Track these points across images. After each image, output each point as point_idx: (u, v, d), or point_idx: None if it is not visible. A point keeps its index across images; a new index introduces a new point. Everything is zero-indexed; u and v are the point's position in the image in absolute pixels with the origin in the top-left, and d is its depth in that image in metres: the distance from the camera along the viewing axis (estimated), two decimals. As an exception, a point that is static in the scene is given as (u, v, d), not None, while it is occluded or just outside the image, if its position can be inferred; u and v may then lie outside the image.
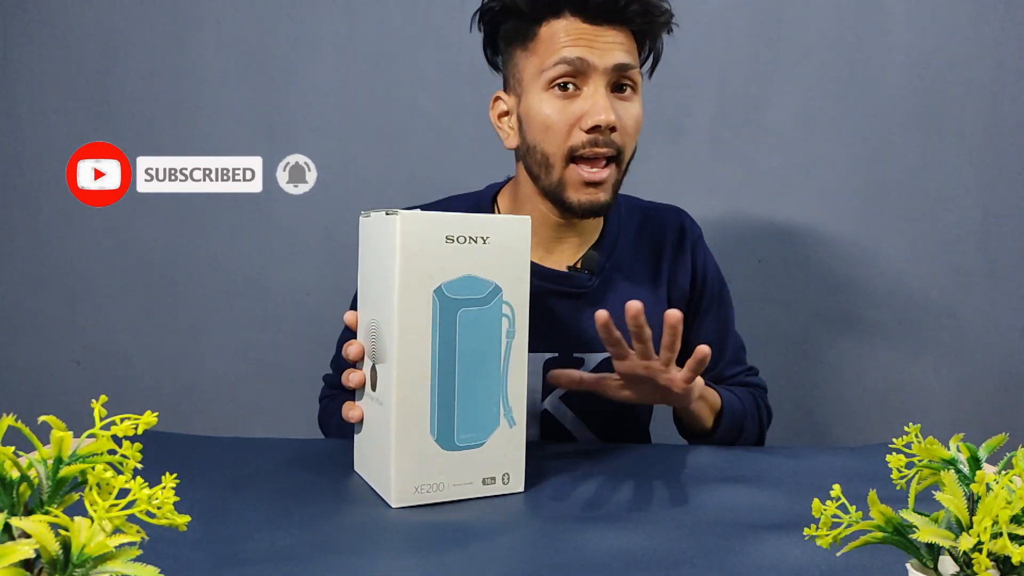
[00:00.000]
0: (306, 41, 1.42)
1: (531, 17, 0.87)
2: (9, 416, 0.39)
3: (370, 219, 0.71)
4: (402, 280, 0.65)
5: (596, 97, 0.85)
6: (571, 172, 0.88)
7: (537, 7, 0.86)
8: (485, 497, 0.70)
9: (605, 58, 0.85)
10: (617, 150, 0.87)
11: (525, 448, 0.72)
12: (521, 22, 0.88)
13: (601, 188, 0.88)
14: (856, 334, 1.42)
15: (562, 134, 0.86)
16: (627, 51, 0.87)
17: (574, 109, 0.86)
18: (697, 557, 0.58)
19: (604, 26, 0.86)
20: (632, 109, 0.89)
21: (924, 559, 0.43)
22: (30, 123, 1.45)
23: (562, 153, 0.87)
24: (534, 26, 0.87)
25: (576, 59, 0.85)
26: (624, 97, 0.88)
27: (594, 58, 0.85)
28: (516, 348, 0.70)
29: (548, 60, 0.86)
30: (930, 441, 0.46)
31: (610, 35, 0.86)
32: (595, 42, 0.85)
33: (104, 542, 0.35)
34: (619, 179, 0.91)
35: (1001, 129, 1.38)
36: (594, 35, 0.85)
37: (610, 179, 0.88)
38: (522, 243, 0.70)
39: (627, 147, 0.89)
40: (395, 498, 0.67)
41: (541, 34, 0.87)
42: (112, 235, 1.46)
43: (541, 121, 0.87)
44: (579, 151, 0.86)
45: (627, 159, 0.90)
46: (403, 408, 0.66)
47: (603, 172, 0.87)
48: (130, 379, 1.47)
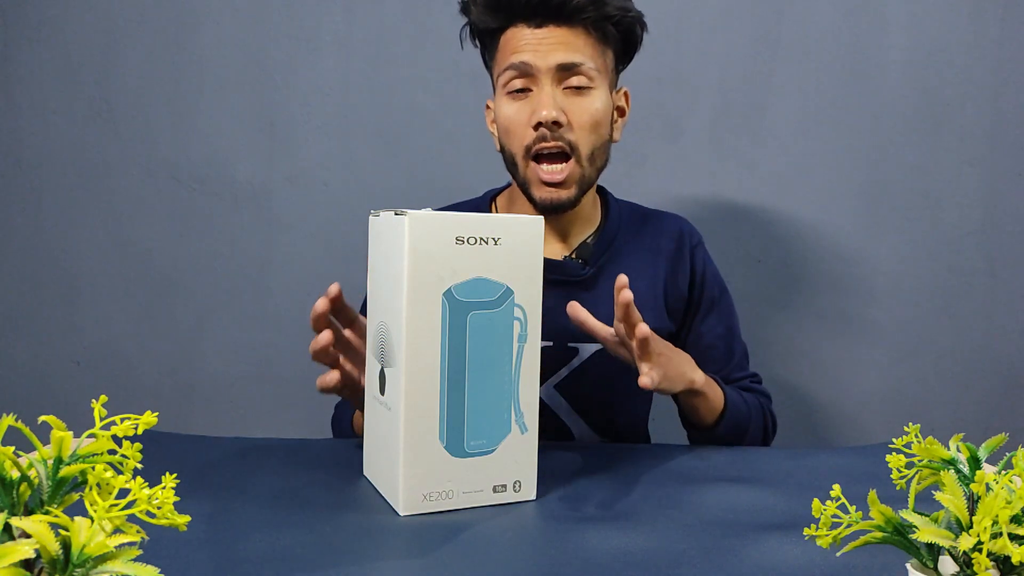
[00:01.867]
0: (306, 41, 1.42)
1: (491, 30, 0.93)
2: (9, 416, 0.39)
3: (379, 219, 0.70)
4: (411, 282, 0.64)
5: (541, 96, 0.90)
6: (532, 171, 0.92)
7: (491, 20, 0.92)
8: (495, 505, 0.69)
9: (548, 59, 0.89)
10: (569, 144, 0.90)
11: (537, 455, 0.70)
12: (487, 35, 0.95)
13: (562, 187, 0.92)
14: (856, 334, 1.42)
15: (518, 134, 0.92)
16: (575, 49, 0.90)
17: (526, 109, 0.91)
18: (697, 557, 0.58)
19: (549, 26, 0.89)
20: (587, 104, 0.91)
21: (924, 559, 0.43)
22: (30, 123, 1.45)
23: (521, 152, 0.92)
24: (496, 37, 0.94)
25: (520, 63, 0.90)
26: (578, 92, 0.91)
27: (536, 60, 0.89)
28: (528, 352, 0.69)
29: (502, 66, 0.92)
30: (930, 441, 0.46)
31: (556, 36, 0.89)
32: (540, 45, 0.89)
33: (104, 542, 0.35)
34: (583, 175, 0.93)
35: (1001, 129, 1.38)
36: (539, 39, 0.90)
37: (571, 177, 0.92)
38: (534, 244, 0.68)
39: (581, 141, 0.91)
40: (403, 506, 0.65)
41: (500, 44, 0.94)
42: (112, 235, 1.46)
43: (502, 123, 0.94)
44: (533, 148, 0.91)
45: (586, 153, 0.92)
46: (412, 413, 0.65)
47: (560, 173, 0.91)
48: (130, 379, 1.47)
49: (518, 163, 0.93)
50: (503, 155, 0.97)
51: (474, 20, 0.95)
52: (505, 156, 0.96)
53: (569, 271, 0.98)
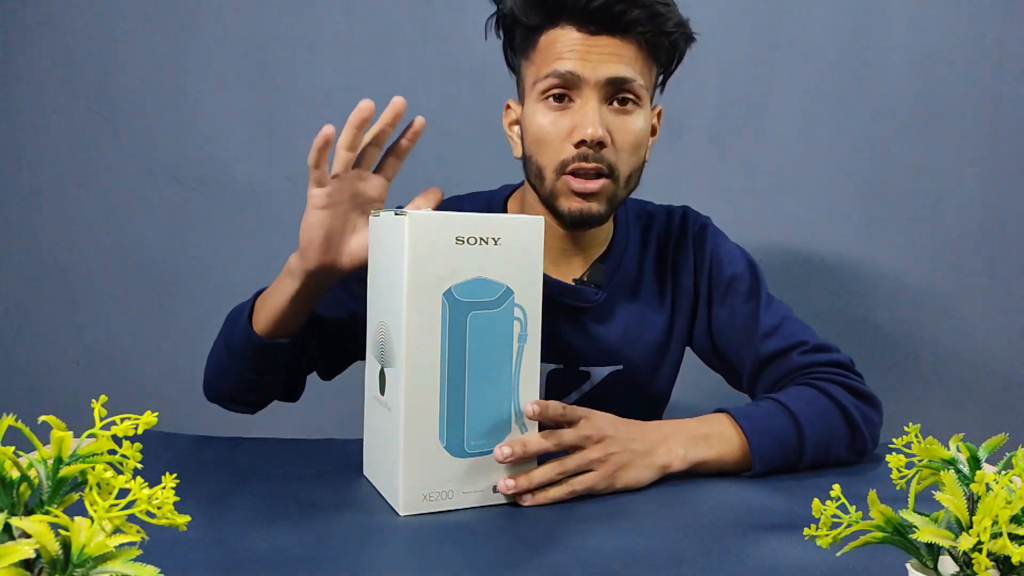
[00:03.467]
0: (306, 41, 1.42)
1: (531, 26, 0.85)
2: (9, 416, 0.39)
3: (379, 218, 0.70)
4: (411, 282, 0.64)
5: (586, 111, 0.82)
6: (562, 183, 0.85)
7: (533, 16, 0.84)
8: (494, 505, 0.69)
9: (598, 71, 0.82)
10: (609, 166, 0.84)
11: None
12: (524, 31, 0.86)
13: (593, 199, 0.85)
14: (856, 334, 1.42)
15: (553, 146, 0.84)
16: (626, 63, 0.83)
17: (565, 122, 0.84)
18: (697, 557, 0.58)
19: (602, 35, 0.82)
20: (631, 124, 0.85)
21: (924, 559, 0.43)
22: (30, 123, 1.45)
23: (553, 166, 0.85)
24: (535, 35, 0.85)
25: (567, 72, 0.82)
26: (624, 111, 0.84)
27: (586, 71, 0.82)
28: (528, 352, 0.69)
29: (543, 71, 0.84)
30: (930, 441, 0.46)
31: (608, 46, 0.82)
32: (589, 54, 0.82)
33: (104, 542, 0.35)
34: (616, 193, 0.86)
35: (1001, 129, 1.38)
36: (589, 46, 0.82)
37: (604, 192, 0.85)
38: (535, 244, 0.68)
39: (621, 163, 0.85)
40: (403, 506, 0.65)
41: (540, 44, 0.85)
42: (112, 235, 1.46)
43: (534, 132, 0.86)
44: (569, 165, 0.84)
45: (624, 175, 0.86)
46: (412, 414, 0.65)
47: (594, 184, 0.84)
48: (130, 379, 1.47)
49: (546, 177, 0.86)
50: (527, 163, 0.89)
51: (512, 11, 0.85)
52: (530, 165, 0.88)
53: (583, 297, 0.93)
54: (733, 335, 0.95)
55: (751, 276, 0.97)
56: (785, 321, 0.94)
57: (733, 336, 0.95)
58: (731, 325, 0.95)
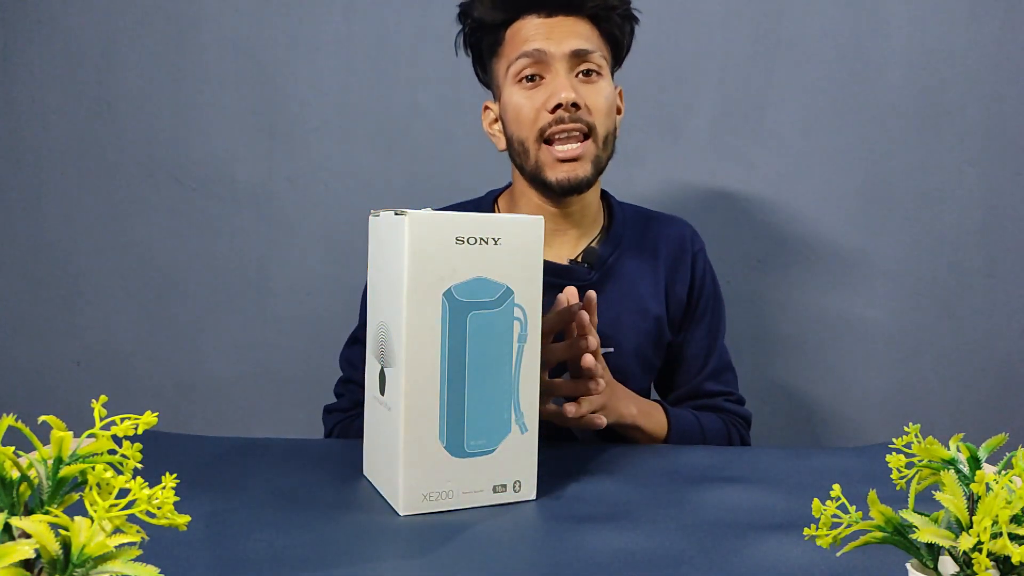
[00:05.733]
0: (306, 41, 1.42)
1: (496, 24, 0.95)
2: (9, 416, 0.39)
3: (379, 219, 0.70)
4: (410, 282, 0.64)
5: (557, 80, 0.91)
6: (544, 152, 0.93)
7: (499, 13, 0.94)
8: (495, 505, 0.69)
9: (562, 45, 0.91)
10: (588, 126, 0.92)
11: (537, 455, 0.70)
12: (491, 33, 0.96)
13: (578, 164, 0.92)
14: (856, 334, 1.42)
15: (531, 118, 0.92)
16: (585, 38, 0.93)
17: (540, 95, 0.92)
18: (697, 557, 0.58)
19: (559, 15, 0.92)
20: (600, 90, 0.93)
21: (924, 559, 0.43)
22: (30, 123, 1.45)
23: (533, 136, 0.92)
24: (501, 32, 0.95)
25: (535, 51, 0.91)
26: (590, 80, 0.93)
27: (551, 47, 0.91)
28: (528, 352, 0.69)
29: (513, 56, 0.93)
30: (930, 441, 0.46)
31: (567, 23, 0.92)
32: (552, 32, 0.92)
33: (104, 542, 0.35)
34: (598, 156, 0.94)
35: (1001, 129, 1.38)
36: (551, 26, 0.92)
37: (587, 154, 0.93)
38: (534, 244, 0.68)
39: (599, 124, 0.93)
40: (403, 506, 0.65)
41: (506, 37, 0.95)
42: (112, 235, 1.46)
43: (513, 111, 0.94)
44: (548, 131, 0.91)
45: (603, 136, 0.94)
46: (412, 413, 0.65)
47: (577, 148, 0.92)
48: (130, 379, 1.47)
49: (529, 148, 0.94)
50: (510, 147, 0.97)
51: (479, 16, 0.95)
52: (513, 146, 0.96)
53: (576, 276, 0.97)
54: (684, 356, 1.05)
55: (720, 314, 1.08)
56: (727, 370, 1.07)
57: (684, 357, 1.05)
58: (688, 348, 1.05)
